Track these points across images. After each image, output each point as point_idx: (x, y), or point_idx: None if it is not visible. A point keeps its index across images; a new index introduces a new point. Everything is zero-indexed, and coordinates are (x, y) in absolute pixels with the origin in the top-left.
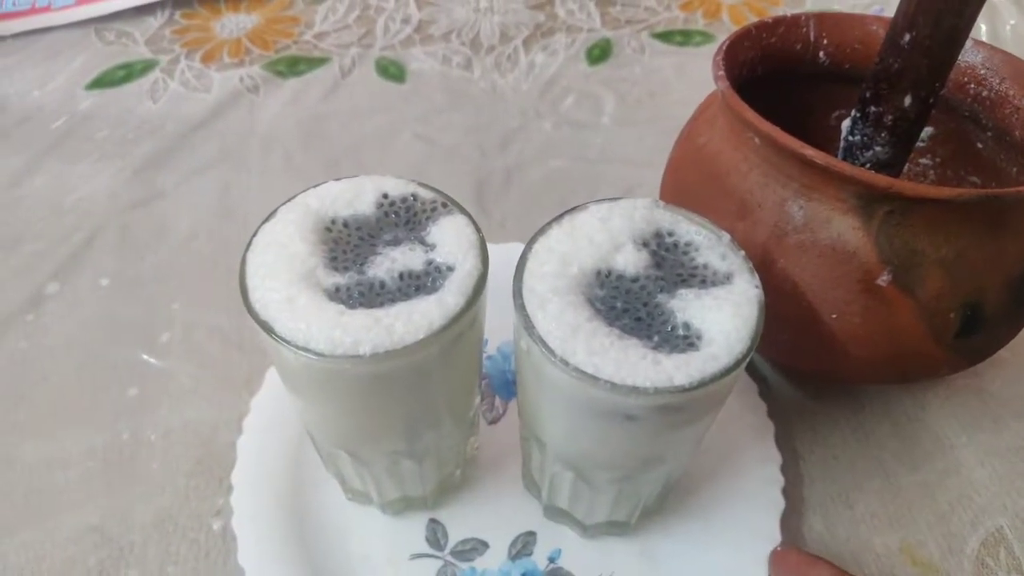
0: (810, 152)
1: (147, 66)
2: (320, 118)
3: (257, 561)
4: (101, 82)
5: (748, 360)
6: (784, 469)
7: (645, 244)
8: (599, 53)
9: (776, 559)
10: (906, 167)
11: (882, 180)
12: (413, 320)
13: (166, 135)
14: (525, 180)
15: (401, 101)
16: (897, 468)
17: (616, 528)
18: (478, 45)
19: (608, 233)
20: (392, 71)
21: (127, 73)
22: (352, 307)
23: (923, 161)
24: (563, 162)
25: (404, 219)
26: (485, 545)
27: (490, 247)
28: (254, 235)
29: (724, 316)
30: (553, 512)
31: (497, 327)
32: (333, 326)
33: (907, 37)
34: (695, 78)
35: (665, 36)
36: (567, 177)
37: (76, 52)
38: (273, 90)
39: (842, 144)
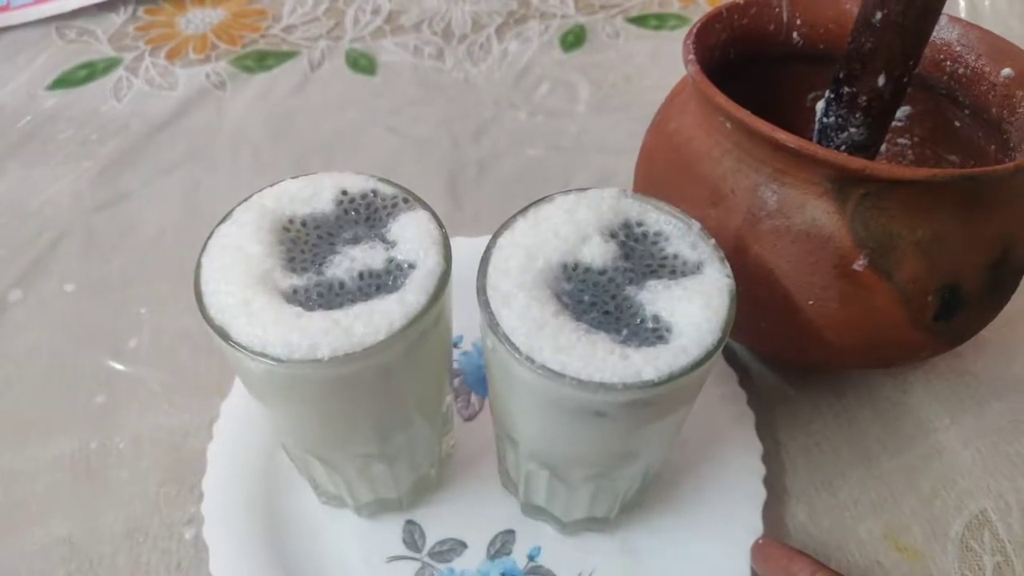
0: (782, 135)
1: (110, 64)
2: (289, 113)
3: (229, 570)
4: (63, 82)
5: (719, 352)
6: (766, 458)
7: (613, 235)
8: (573, 39)
9: (757, 551)
10: (883, 147)
11: (856, 162)
12: (373, 321)
13: (131, 135)
14: (499, 171)
15: (372, 94)
16: (880, 453)
17: (596, 524)
18: (450, 34)
19: (575, 225)
20: (363, 63)
21: (90, 72)
22: (311, 309)
23: (901, 141)
24: (538, 151)
25: (364, 216)
26: (463, 545)
27: (463, 241)
28: (209, 237)
29: (694, 307)
30: (531, 510)
31: (472, 323)
32: (290, 329)
33: (879, 15)
34: (670, 62)
35: (640, 20)
36: (542, 167)
37: (37, 51)
38: (241, 86)
39: (817, 126)
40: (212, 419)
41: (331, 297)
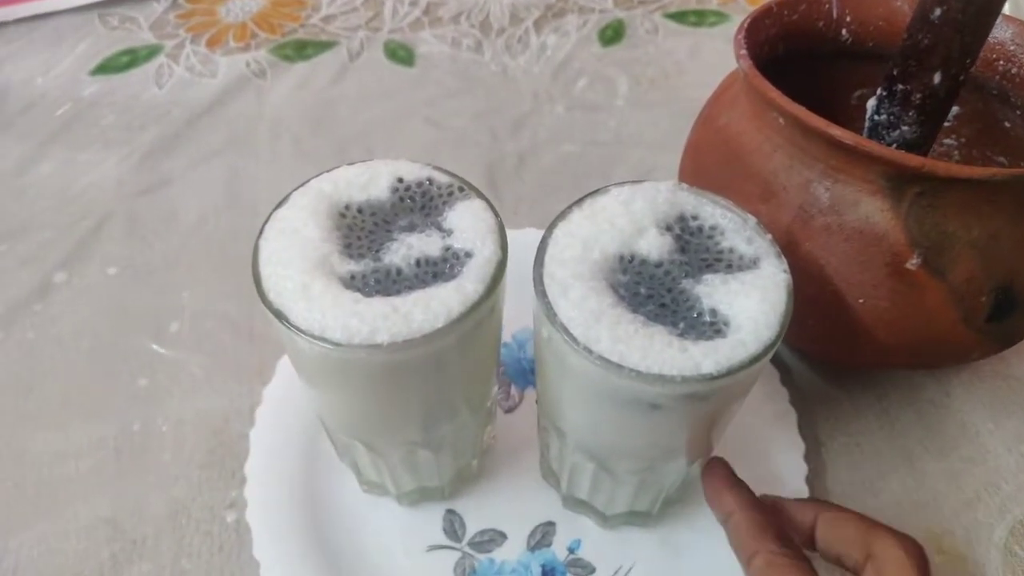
0: (838, 132)
1: (152, 51)
2: (329, 103)
3: (273, 554)
4: (105, 68)
5: (776, 346)
6: (807, 457)
7: (669, 228)
8: (612, 34)
9: (706, 468)
10: None
11: (914, 160)
12: (431, 308)
13: (172, 121)
14: (538, 165)
15: (411, 85)
16: (922, 455)
17: (637, 518)
18: (488, 27)
19: (630, 217)
20: (401, 55)
21: (132, 59)
22: (368, 295)
23: (947, 141)
24: (577, 146)
25: (420, 204)
26: (503, 536)
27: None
28: (266, 221)
29: (751, 302)
30: (572, 503)
31: (512, 315)
32: (349, 314)
33: (938, 12)
34: (710, 59)
35: (679, 16)
36: (581, 161)
37: (80, 38)
38: (280, 74)
39: (867, 124)
40: (252, 404)
41: (388, 283)
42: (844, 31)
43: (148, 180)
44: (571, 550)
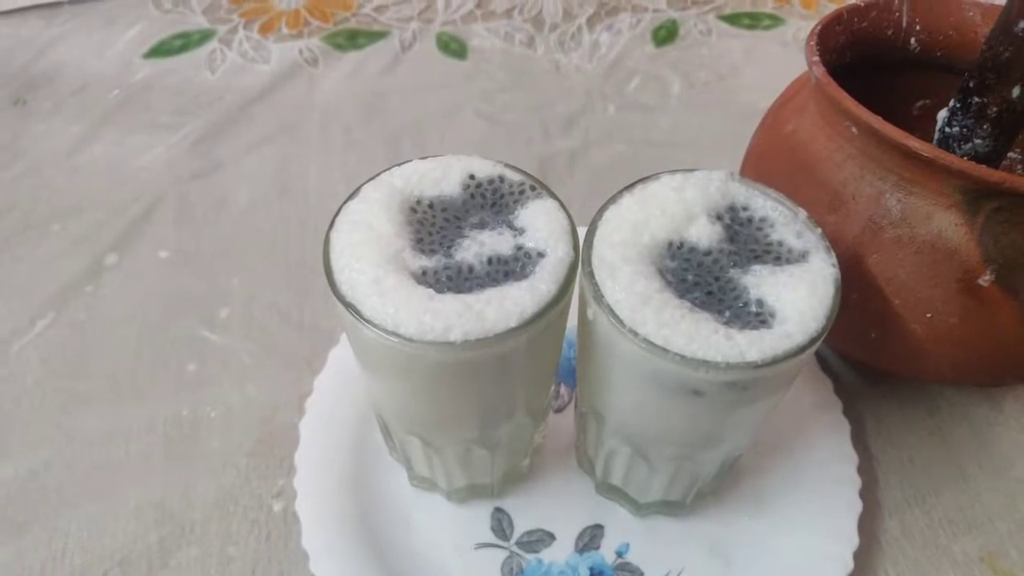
0: (915, 144)
1: (204, 36)
2: (380, 93)
3: (322, 545)
4: (158, 51)
5: (822, 339)
6: (860, 469)
7: (719, 217)
8: (665, 34)
9: None
10: None
11: (995, 175)
12: (504, 307)
13: (224, 106)
14: (590, 163)
15: (463, 78)
16: (976, 473)
17: (669, 508)
18: (541, 22)
19: (682, 204)
20: (453, 47)
21: (184, 43)
22: (440, 291)
23: (1011, 155)
24: (628, 146)
25: (491, 202)
26: (551, 536)
27: None
28: (337, 213)
29: (799, 295)
30: (606, 489)
31: None
32: (423, 311)
33: (1022, 24)
34: (764, 63)
35: (733, 19)
36: (633, 162)
37: (133, 20)
38: (332, 63)
39: (937, 135)
40: (300, 394)
41: (460, 281)
42: (913, 40)
43: (199, 165)
44: (619, 554)
